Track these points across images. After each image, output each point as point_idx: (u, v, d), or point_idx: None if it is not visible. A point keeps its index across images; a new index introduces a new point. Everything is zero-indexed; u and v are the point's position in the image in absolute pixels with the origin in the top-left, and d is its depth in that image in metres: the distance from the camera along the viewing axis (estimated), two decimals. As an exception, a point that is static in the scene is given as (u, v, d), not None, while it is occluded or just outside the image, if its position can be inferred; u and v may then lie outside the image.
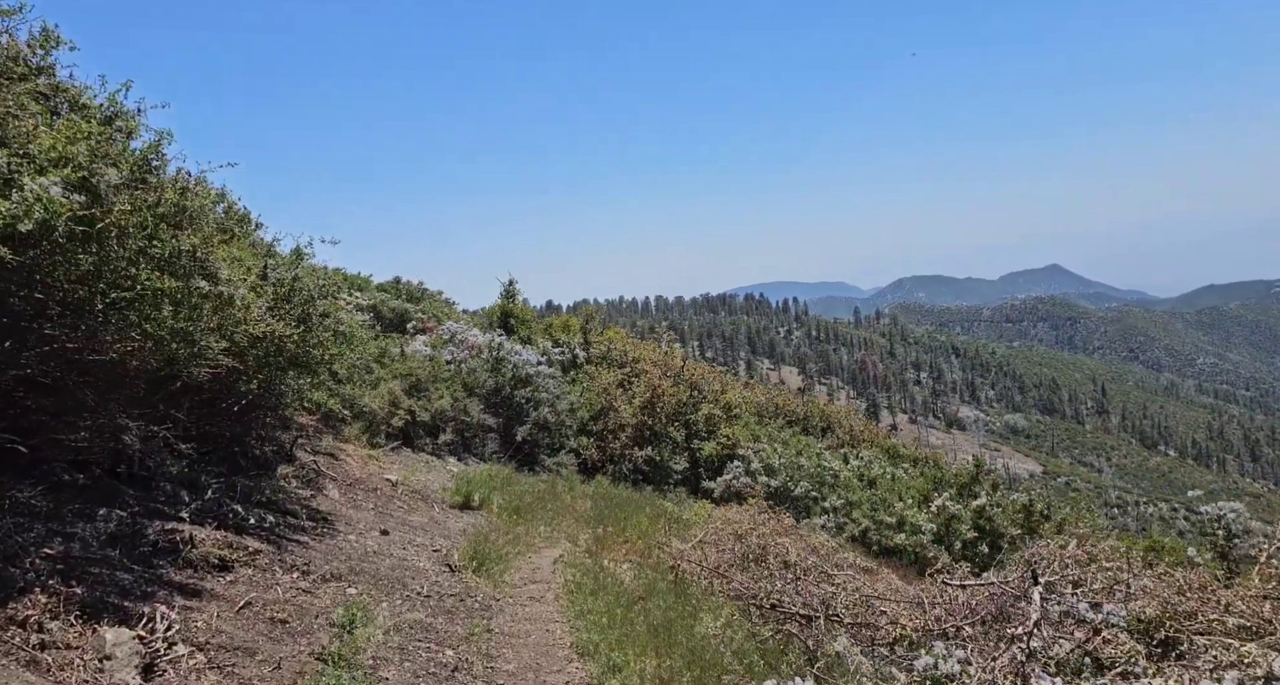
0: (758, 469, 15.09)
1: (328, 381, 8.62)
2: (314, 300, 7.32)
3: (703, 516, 9.30)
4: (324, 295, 7.43)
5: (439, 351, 15.84)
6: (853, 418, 23.20)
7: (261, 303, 6.62)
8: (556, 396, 15.56)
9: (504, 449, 15.04)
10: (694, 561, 7.12)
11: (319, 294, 7.38)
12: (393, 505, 10.32)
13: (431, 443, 13.92)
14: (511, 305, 21.37)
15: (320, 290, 7.40)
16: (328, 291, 7.44)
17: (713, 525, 8.41)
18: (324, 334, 7.72)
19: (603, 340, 18.50)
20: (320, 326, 7.64)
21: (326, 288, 7.45)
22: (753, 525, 8.21)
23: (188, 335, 5.04)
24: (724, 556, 7.28)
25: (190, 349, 5.15)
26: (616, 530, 9.04)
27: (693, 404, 16.12)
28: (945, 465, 14.54)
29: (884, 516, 12.95)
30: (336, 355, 7.94)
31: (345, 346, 8.18)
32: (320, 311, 7.47)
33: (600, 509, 11.36)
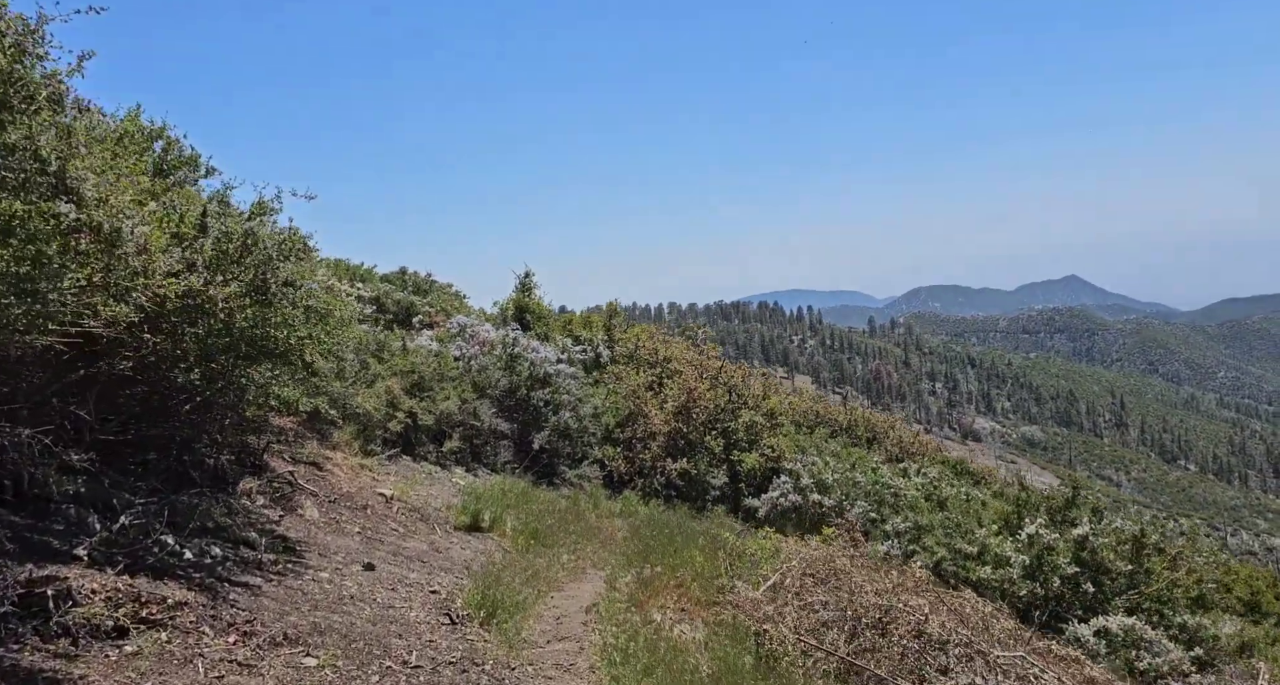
0: (808, 485, 13.16)
1: (301, 374, 6.75)
2: (273, 262, 5.47)
3: (769, 550, 7.38)
4: (286, 256, 5.57)
5: (446, 347, 14.00)
6: (901, 428, 21.20)
7: (177, 252, 4.77)
8: (579, 399, 13.69)
9: (519, 458, 13.17)
10: (778, 620, 5.21)
11: (280, 254, 5.53)
12: (384, 528, 8.46)
13: (435, 450, 12.07)
14: (528, 300, 19.55)
15: (282, 250, 5.54)
16: (289, 250, 5.58)
17: (789, 566, 6.50)
18: (289, 310, 5.88)
19: (629, 337, 16.65)
20: (284, 299, 5.80)
21: (289, 246, 5.59)
22: (841, 566, 6.31)
23: (21, 282, 3.20)
24: (816, 615, 5.37)
25: (27, 306, 3.30)
26: (665, 568, 7.13)
27: (731, 410, 14.22)
28: (1030, 486, 12.61)
29: (962, 544, 10.98)
30: (308, 339, 6.09)
31: (320, 327, 6.32)
32: (283, 278, 5.62)
33: (639, 537, 9.47)
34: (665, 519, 11.72)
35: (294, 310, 5.99)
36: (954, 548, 11.15)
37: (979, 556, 10.92)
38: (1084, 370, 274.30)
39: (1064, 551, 10.69)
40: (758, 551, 7.31)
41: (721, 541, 8.11)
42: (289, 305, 5.85)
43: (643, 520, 11.35)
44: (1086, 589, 10.36)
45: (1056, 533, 10.81)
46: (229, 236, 5.27)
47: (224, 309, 5.33)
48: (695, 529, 10.59)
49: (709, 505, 13.55)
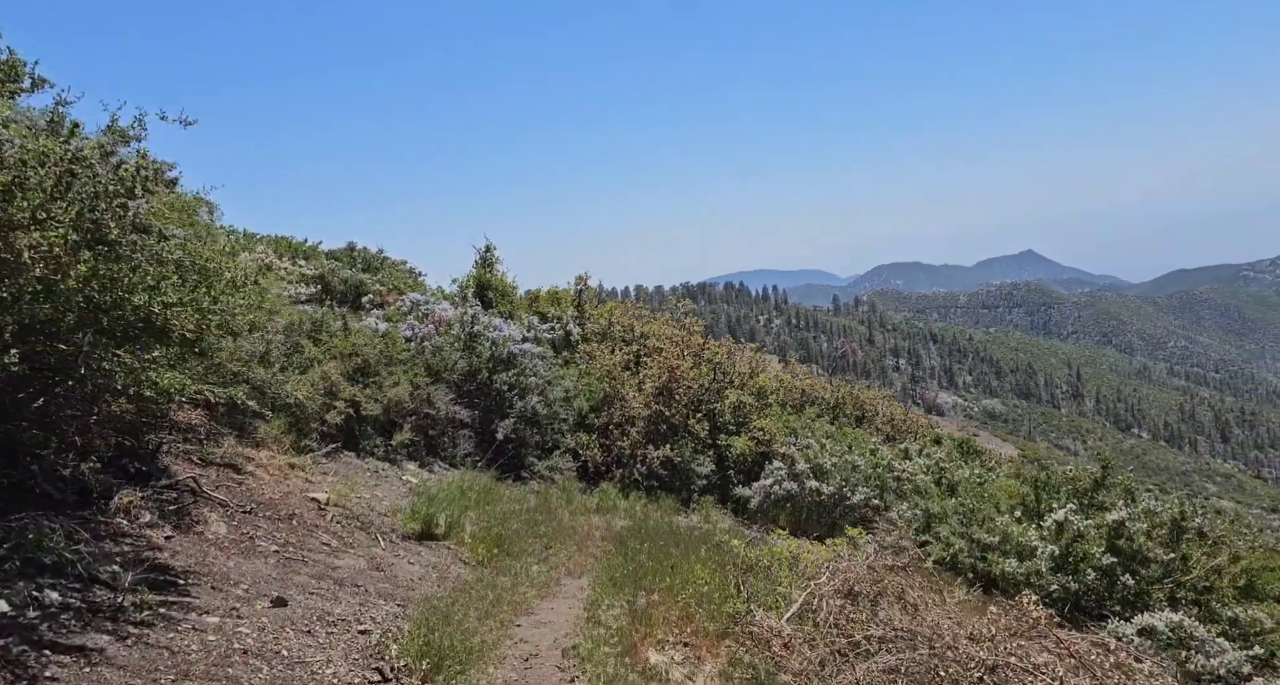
0: (804, 471, 11.85)
1: (178, 353, 5.15)
2: (111, 198, 3.87)
3: (784, 557, 6.01)
4: (131, 191, 3.97)
5: (395, 326, 12.37)
6: (890, 404, 20.02)
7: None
8: (547, 382, 12.18)
9: (481, 450, 11.65)
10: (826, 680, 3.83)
11: (126, 188, 3.93)
12: (313, 542, 6.92)
13: (383, 444, 10.50)
14: (489, 275, 17.90)
15: (125, 181, 3.94)
16: (132, 184, 3.97)
17: (819, 582, 5.14)
18: (150, 267, 4.29)
19: (601, 313, 15.17)
20: (138, 252, 4.20)
21: (130, 181, 3.98)
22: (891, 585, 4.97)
23: None
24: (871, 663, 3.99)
25: None
26: (662, 590, 5.73)
27: (717, 390, 12.85)
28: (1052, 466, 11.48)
29: (980, 533, 9.76)
30: (180, 305, 4.50)
31: (201, 291, 4.72)
32: (132, 221, 4.02)
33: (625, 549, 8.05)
34: (650, 518, 10.36)
35: (158, 268, 4.39)
36: (973, 538, 9.92)
37: (1000, 547, 9.71)
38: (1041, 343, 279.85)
39: (1096, 540, 9.53)
40: (771, 561, 5.93)
41: (725, 549, 6.70)
42: (146, 260, 4.26)
43: (625, 523, 9.95)
44: (1125, 581, 9.21)
45: (1089, 519, 9.63)
46: (36, 158, 3.66)
47: (41, 263, 3.74)
48: (685, 528, 9.23)
49: (695, 496, 12.18)
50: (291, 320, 10.47)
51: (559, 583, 8.04)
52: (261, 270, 16.80)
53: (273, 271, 16.74)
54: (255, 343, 9.06)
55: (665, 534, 8.65)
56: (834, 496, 11.66)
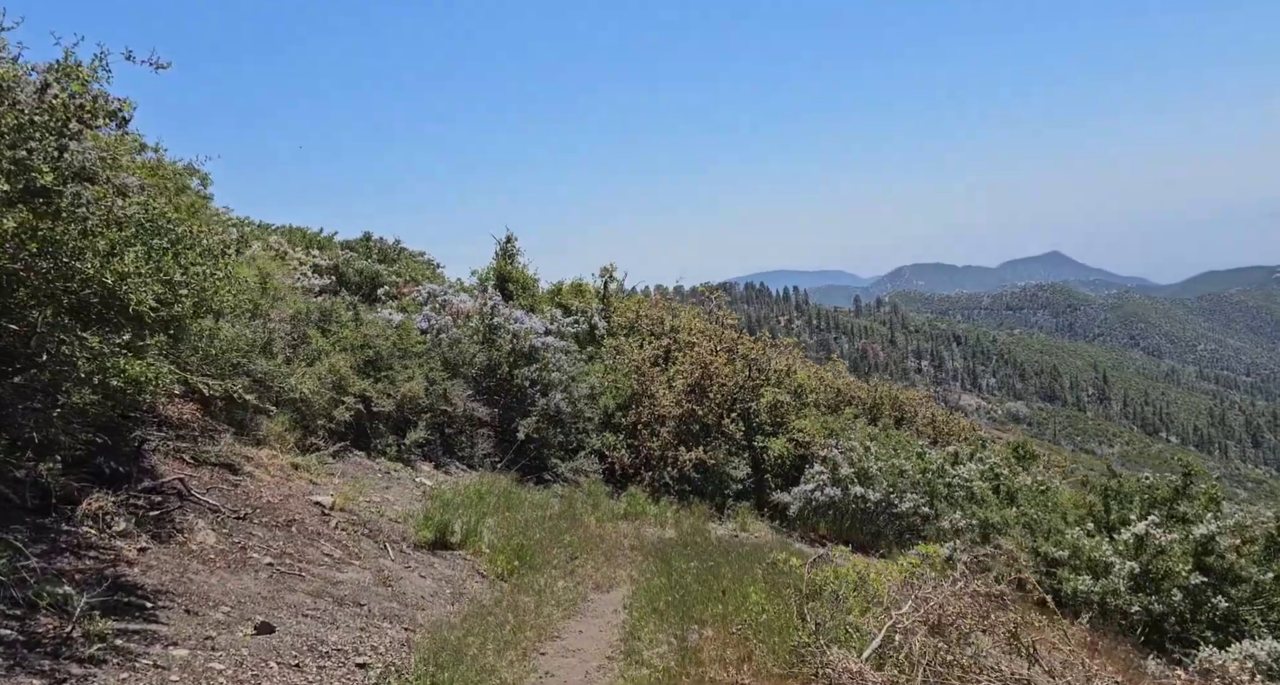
0: (848, 476, 10.97)
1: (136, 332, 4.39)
2: (45, 133, 3.10)
3: (850, 580, 5.16)
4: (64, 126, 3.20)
5: (411, 317, 11.64)
6: (930, 406, 18.98)
7: None
8: (571, 378, 11.39)
9: (500, 450, 10.89)
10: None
11: (58, 121, 3.16)
12: (313, 553, 6.16)
13: (396, 443, 9.76)
14: (510, 267, 17.16)
15: (59, 116, 3.17)
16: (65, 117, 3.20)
17: (900, 613, 4.30)
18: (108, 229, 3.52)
19: (629, 305, 14.35)
20: (90, 209, 3.44)
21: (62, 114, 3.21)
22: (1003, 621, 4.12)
23: None
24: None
25: None
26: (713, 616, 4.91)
27: (752, 388, 11.99)
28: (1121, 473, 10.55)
29: (1048, 547, 8.83)
30: (139, 276, 3.73)
31: (169, 259, 3.96)
32: (74, 167, 3.25)
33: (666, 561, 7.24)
34: (682, 525, 9.54)
35: (115, 232, 3.63)
36: (1040, 551, 9.00)
37: (1070, 562, 8.78)
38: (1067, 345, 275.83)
39: (1181, 557, 8.57)
40: (836, 584, 5.09)
41: (780, 566, 5.85)
42: (100, 220, 3.49)
43: (655, 532, 9.14)
44: (1218, 604, 8.25)
45: (1173, 532, 8.68)
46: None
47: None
48: (725, 538, 8.41)
49: (729, 502, 11.34)
50: (299, 309, 9.76)
51: (586, 598, 7.25)
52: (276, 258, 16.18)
53: (285, 261, 16.14)
54: (256, 331, 8.34)
55: (706, 547, 7.82)
56: (880, 503, 10.77)
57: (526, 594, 6.26)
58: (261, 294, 8.90)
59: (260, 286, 8.94)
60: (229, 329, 7.41)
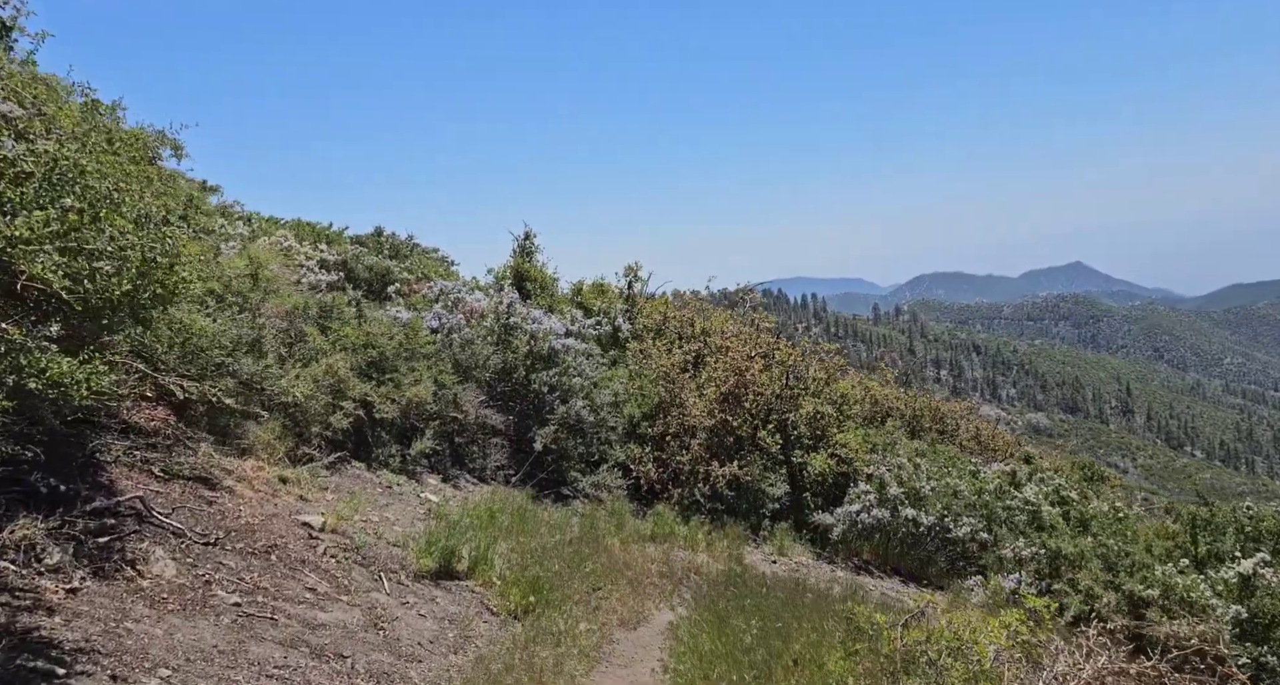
0: (897, 496, 9.92)
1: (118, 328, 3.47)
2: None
3: (945, 641, 4.13)
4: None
5: (419, 315, 10.72)
6: (974, 418, 17.76)
7: None
8: (594, 383, 10.41)
9: (515, 462, 9.93)
10: None
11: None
12: (291, 588, 5.21)
13: (399, 454, 8.82)
14: (528, 266, 16.23)
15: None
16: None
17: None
18: None
19: (655, 306, 13.35)
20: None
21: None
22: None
23: None
24: None
25: None
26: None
27: (791, 398, 10.97)
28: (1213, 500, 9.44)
29: (1132, 584, 7.72)
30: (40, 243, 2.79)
31: (88, 222, 3.01)
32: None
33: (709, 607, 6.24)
34: (715, 548, 8.54)
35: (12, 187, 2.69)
36: (1119, 588, 7.89)
37: (1160, 603, 7.67)
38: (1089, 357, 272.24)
39: (1294, 598, 7.44)
40: (931, 647, 4.06)
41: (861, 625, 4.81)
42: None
43: (686, 556, 8.14)
44: (1341, 656, 7.12)
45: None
46: None
47: None
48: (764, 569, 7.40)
49: (765, 522, 10.31)
50: (296, 304, 8.85)
51: (612, 638, 6.27)
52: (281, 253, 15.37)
53: (291, 256, 15.32)
54: (244, 326, 7.43)
55: (751, 584, 6.80)
56: (933, 528, 9.70)
57: (544, 642, 5.26)
58: (253, 286, 8.01)
59: (252, 278, 8.04)
60: (208, 323, 6.51)
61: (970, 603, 8.71)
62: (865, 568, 10.05)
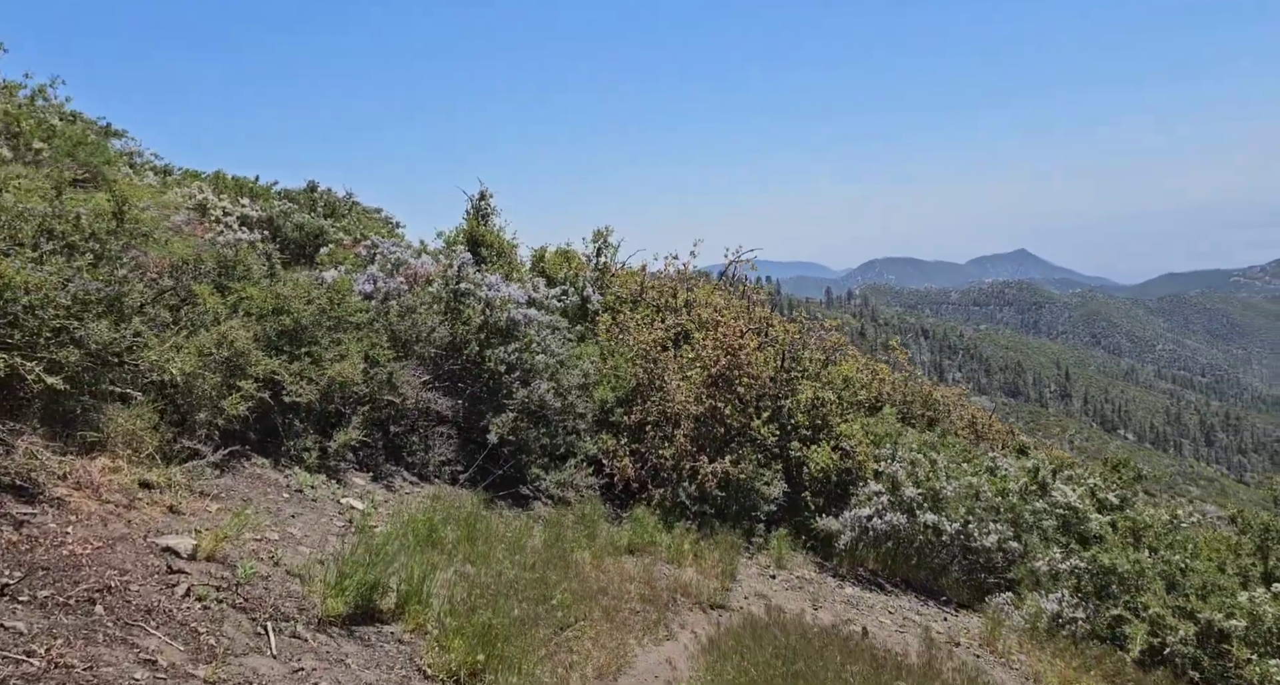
0: (914, 498, 8.51)
1: None
2: None
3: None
4: None
5: (349, 277, 8.88)
6: (968, 405, 16.58)
7: None
8: (560, 362, 8.73)
9: (465, 456, 8.22)
10: None
11: None
12: (113, 658, 3.45)
13: (317, 447, 7.03)
14: (483, 229, 14.40)
15: None
16: None
17: None
18: None
19: (631, 276, 11.67)
20: None
21: None
22: None
23: None
24: None
25: None
26: None
27: (787, 382, 9.46)
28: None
29: (1209, 611, 6.41)
30: None
31: None
32: None
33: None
34: (704, 560, 7.02)
35: None
36: (1193, 616, 6.58)
37: (1248, 637, 6.37)
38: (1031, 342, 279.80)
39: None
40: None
41: None
42: None
43: (671, 574, 6.60)
44: None
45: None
46: None
47: None
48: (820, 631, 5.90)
49: (759, 527, 8.80)
50: (184, 256, 6.95)
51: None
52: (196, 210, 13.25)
53: (206, 213, 13.22)
54: (100, 280, 5.52)
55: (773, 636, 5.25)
56: (957, 536, 8.31)
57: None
58: (116, 228, 6.09)
59: (115, 218, 6.12)
60: (28, 272, 4.65)
61: (1007, 627, 7.34)
62: (874, 581, 8.63)
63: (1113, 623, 6.97)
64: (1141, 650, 6.43)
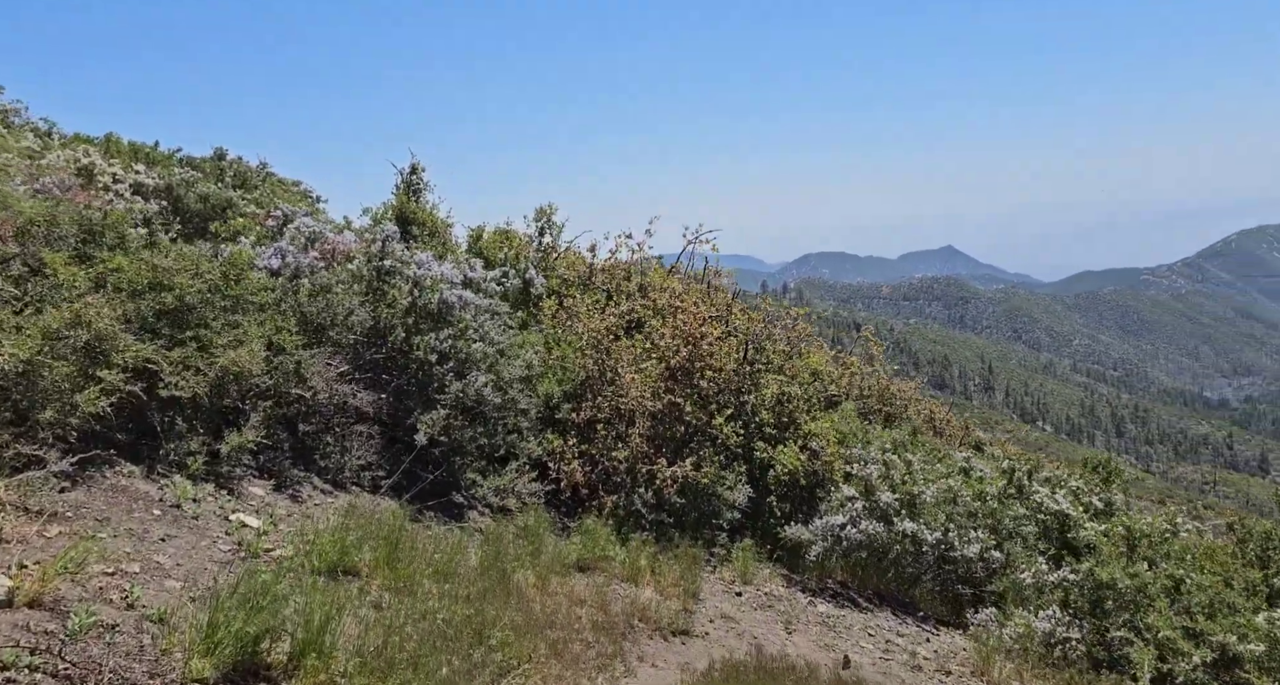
0: (890, 504, 7.78)
1: None
2: None
3: None
4: None
5: (251, 251, 7.62)
6: (928, 401, 16.11)
7: None
8: (500, 352, 7.66)
9: (388, 459, 7.11)
10: None
11: None
12: None
13: (205, 449, 5.82)
14: (414, 206, 13.14)
15: None
16: None
17: None
18: None
19: (579, 259, 10.62)
20: None
21: None
22: None
23: None
24: None
25: None
26: None
27: (751, 375, 8.61)
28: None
29: (1225, 635, 5.83)
30: None
31: None
32: None
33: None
34: (668, 581, 6.14)
35: None
36: (1199, 638, 5.98)
37: (1265, 662, 5.79)
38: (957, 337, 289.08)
39: None
40: None
41: None
42: None
43: (624, 600, 5.68)
44: None
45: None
46: None
47: None
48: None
49: (722, 537, 7.94)
50: (33, 218, 5.63)
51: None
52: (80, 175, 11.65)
53: (94, 179, 11.64)
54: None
55: None
56: (941, 545, 7.61)
57: None
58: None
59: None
60: None
61: (998, 649, 6.65)
62: (847, 595, 7.87)
63: (1111, 645, 6.36)
64: (1152, 678, 5.81)
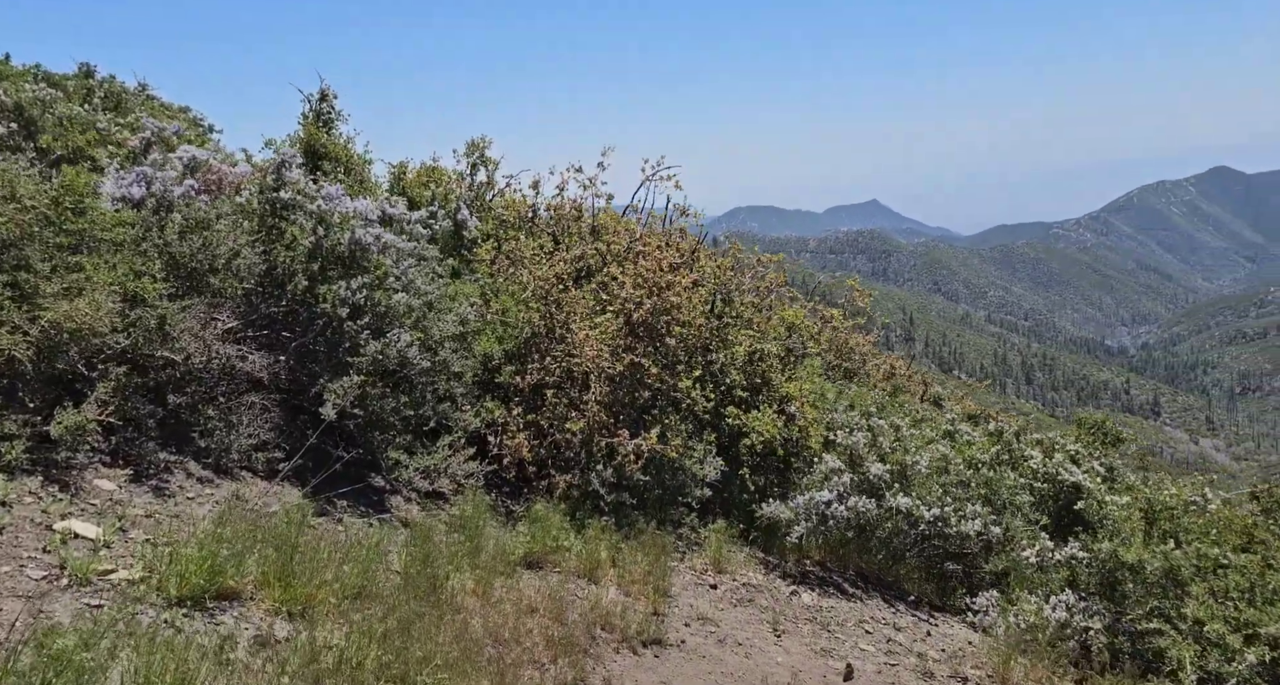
0: (881, 476, 6.90)
1: None
2: None
3: None
4: None
5: (101, 177, 6.02)
6: (881, 354, 15.36)
7: None
8: (428, 304, 6.32)
9: (288, 436, 5.76)
10: None
11: None
12: None
13: (29, 430, 4.38)
14: (325, 138, 11.36)
15: None
16: None
17: None
18: None
19: (520, 201, 9.18)
20: None
21: None
22: None
23: None
24: None
25: None
26: None
27: (719, 331, 7.52)
28: None
29: (1272, 625, 5.15)
30: None
31: None
32: None
33: None
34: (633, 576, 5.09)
35: None
36: (1245, 627, 5.29)
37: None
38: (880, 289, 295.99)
39: None
40: None
41: None
42: None
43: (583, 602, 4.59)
44: None
45: None
46: None
47: None
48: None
49: (689, 518, 6.91)
50: None
51: None
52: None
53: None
54: None
55: None
56: (938, 522, 6.77)
57: None
58: None
59: None
60: None
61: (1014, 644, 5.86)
62: (829, 579, 7.00)
63: (1131, 634, 5.68)
64: (1198, 679, 5.11)
